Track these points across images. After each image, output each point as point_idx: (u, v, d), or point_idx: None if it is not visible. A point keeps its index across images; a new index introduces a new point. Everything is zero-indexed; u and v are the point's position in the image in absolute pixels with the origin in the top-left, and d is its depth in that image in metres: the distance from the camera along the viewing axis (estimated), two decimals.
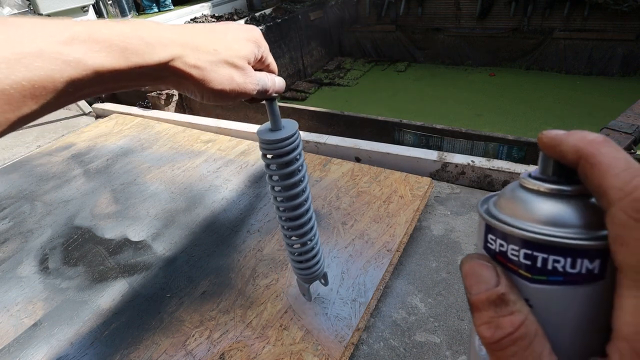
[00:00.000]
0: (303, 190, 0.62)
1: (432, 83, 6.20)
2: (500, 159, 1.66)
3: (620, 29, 5.29)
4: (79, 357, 0.90)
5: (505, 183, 1.44)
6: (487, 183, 1.48)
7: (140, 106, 2.34)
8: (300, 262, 0.71)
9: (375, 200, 1.27)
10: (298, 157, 0.59)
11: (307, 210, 0.64)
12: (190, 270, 1.10)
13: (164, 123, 2.06)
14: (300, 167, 0.60)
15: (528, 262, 0.22)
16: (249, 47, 0.43)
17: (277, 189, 0.61)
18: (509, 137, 1.64)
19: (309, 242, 0.69)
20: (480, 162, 1.47)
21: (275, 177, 0.60)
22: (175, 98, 2.42)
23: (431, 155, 1.54)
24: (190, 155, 1.71)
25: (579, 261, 0.20)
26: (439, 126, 1.80)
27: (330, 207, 1.27)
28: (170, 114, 2.22)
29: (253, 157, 1.63)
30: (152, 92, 2.31)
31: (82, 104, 2.59)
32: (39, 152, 1.92)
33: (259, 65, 0.48)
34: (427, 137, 1.83)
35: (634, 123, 1.42)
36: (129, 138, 1.93)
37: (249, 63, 0.44)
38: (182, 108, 2.51)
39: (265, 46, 0.48)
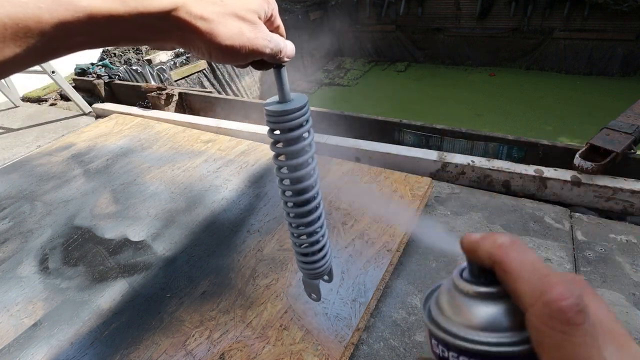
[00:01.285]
0: (312, 173, 0.57)
1: (432, 83, 6.20)
2: (500, 159, 1.66)
3: (620, 29, 5.29)
4: (79, 357, 0.90)
5: (505, 183, 1.44)
6: (487, 183, 1.48)
7: (140, 106, 2.34)
8: (307, 254, 0.65)
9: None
10: (308, 133, 0.54)
11: (317, 195, 0.59)
12: (190, 270, 1.10)
13: (164, 123, 2.06)
14: (310, 146, 0.55)
15: None
16: (259, 0, 0.40)
17: (284, 169, 0.56)
18: (509, 137, 1.64)
19: (318, 231, 0.64)
20: (480, 162, 1.47)
21: (282, 157, 0.55)
22: (175, 98, 2.42)
23: (431, 155, 1.54)
24: (190, 155, 1.71)
25: None
26: (439, 126, 1.80)
27: (330, 207, 1.27)
28: (170, 114, 2.22)
29: (253, 157, 1.63)
30: (152, 91, 2.31)
31: (82, 103, 2.59)
32: (39, 152, 1.92)
33: (269, 26, 0.44)
34: (427, 137, 1.83)
35: (634, 123, 1.41)
36: (129, 138, 1.93)
37: (259, 18, 0.40)
38: (182, 108, 2.51)
39: (275, 4, 0.43)
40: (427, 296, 0.28)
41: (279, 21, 0.45)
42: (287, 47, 0.45)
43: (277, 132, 0.53)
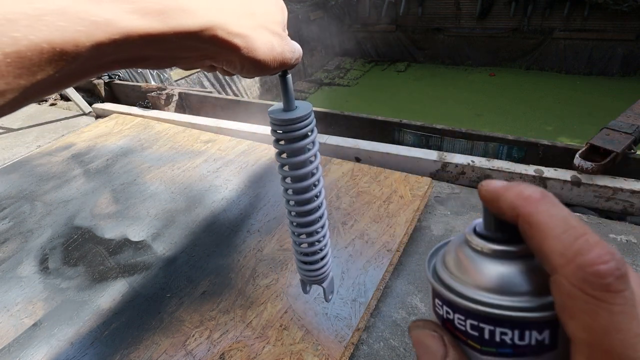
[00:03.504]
0: (316, 184, 0.57)
1: (432, 83, 6.20)
2: (500, 159, 1.66)
3: (620, 29, 5.30)
4: (79, 357, 0.90)
5: None
6: None
7: (140, 106, 2.34)
8: (309, 262, 0.67)
9: (375, 200, 1.27)
10: (312, 143, 0.53)
11: (322, 203, 0.59)
12: (190, 270, 1.10)
13: (164, 123, 2.06)
14: (315, 156, 0.55)
15: (475, 334, 0.20)
16: (281, 11, 0.39)
17: (288, 180, 0.56)
18: (509, 137, 1.63)
19: (323, 238, 0.65)
20: (480, 162, 1.47)
21: (286, 167, 0.55)
22: (175, 98, 2.42)
23: (431, 155, 1.54)
24: (190, 155, 1.71)
25: (527, 333, 0.19)
26: (439, 126, 1.80)
27: (331, 207, 1.27)
28: (170, 114, 2.22)
29: (253, 157, 1.63)
30: (152, 91, 2.31)
31: (82, 103, 2.58)
32: (39, 152, 1.92)
33: None
34: (427, 137, 1.83)
35: (634, 123, 1.41)
36: (129, 138, 1.93)
37: (282, 30, 0.39)
38: (182, 108, 2.51)
39: (286, 12, 0.42)
40: (432, 253, 0.25)
41: (286, 30, 0.45)
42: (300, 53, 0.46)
43: (282, 142, 0.52)
